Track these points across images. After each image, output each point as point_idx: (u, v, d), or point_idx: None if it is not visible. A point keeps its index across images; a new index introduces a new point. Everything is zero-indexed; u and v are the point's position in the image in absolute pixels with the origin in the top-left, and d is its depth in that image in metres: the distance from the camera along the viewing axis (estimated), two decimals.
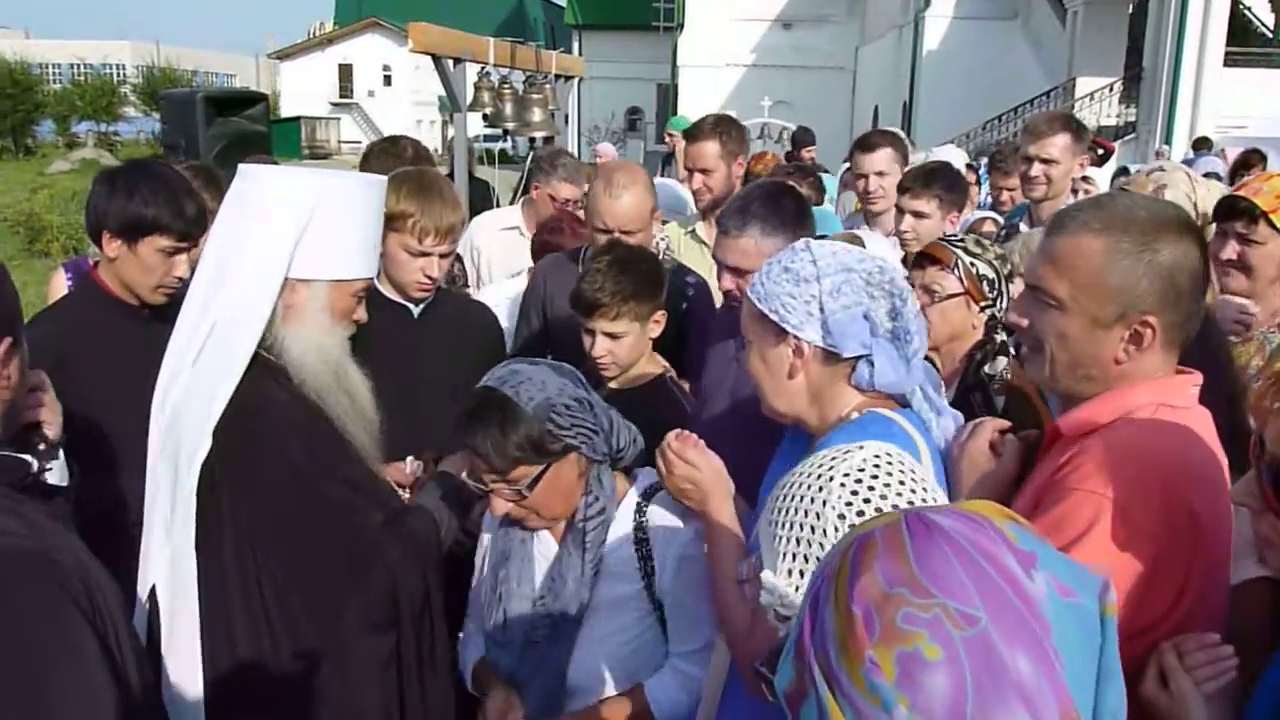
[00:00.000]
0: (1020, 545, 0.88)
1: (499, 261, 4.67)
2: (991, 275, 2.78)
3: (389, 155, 3.84)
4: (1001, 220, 4.85)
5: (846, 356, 1.84)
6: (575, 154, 10.54)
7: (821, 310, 1.83)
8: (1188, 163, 11.77)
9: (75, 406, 2.66)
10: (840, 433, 1.82)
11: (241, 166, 2.18)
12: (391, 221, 2.71)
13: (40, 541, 1.28)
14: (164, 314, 2.60)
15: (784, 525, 1.37)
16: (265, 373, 2.08)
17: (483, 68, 6.02)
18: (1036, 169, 4.13)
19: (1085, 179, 3.22)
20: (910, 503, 1.37)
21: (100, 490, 2.55)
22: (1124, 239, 1.64)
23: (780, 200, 2.79)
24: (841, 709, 0.86)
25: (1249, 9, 22.23)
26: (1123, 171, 10.07)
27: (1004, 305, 2.77)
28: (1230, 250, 2.75)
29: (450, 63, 5.55)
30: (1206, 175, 7.58)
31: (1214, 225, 2.86)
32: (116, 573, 2.05)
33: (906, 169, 4.22)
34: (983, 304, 2.78)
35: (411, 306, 2.89)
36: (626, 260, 2.79)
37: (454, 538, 2.33)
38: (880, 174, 4.29)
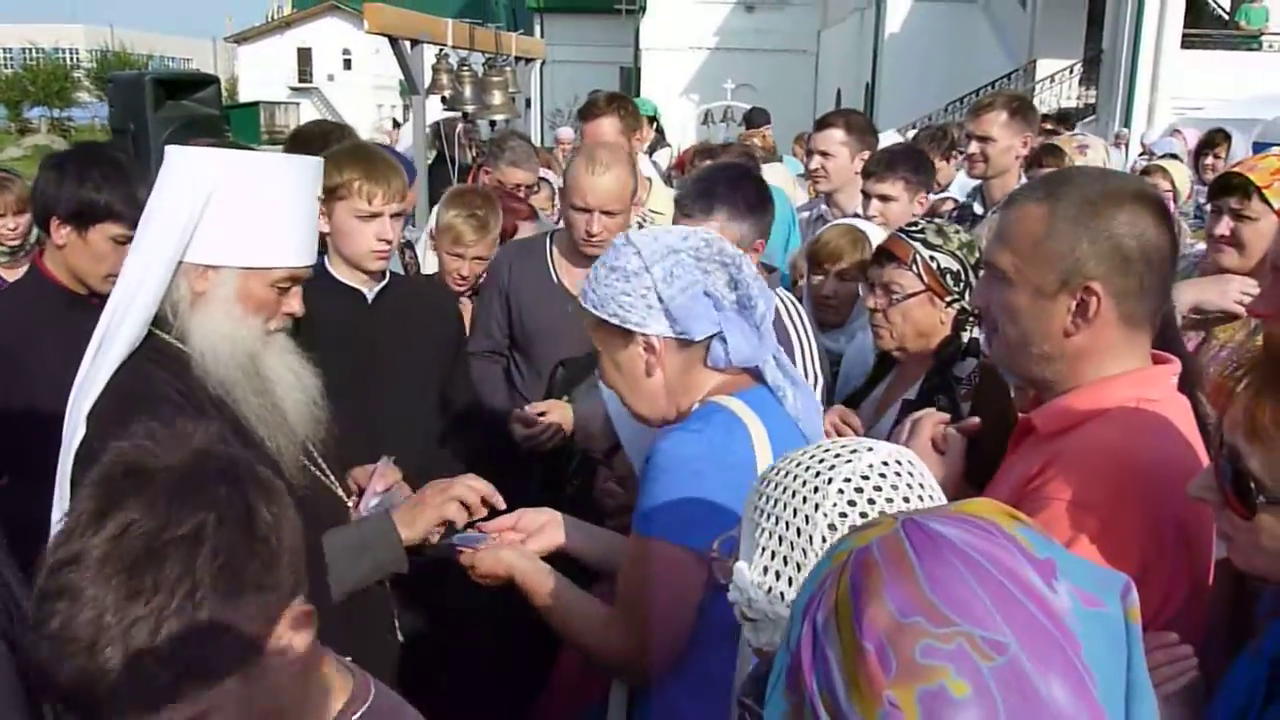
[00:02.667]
0: (1036, 553, 0.80)
1: None
2: (955, 267, 2.51)
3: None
4: (961, 200, 4.87)
5: (699, 340, 1.81)
6: (538, 138, 10.44)
7: (660, 300, 1.78)
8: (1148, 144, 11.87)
9: (21, 399, 2.59)
10: (677, 430, 1.80)
11: (168, 148, 2.06)
12: (335, 191, 2.62)
13: None
14: None
15: (768, 517, 1.25)
16: (158, 358, 1.95)
17: (441, 50, 5.93)
18: (974, 146, 4.18)
19: (1081, 149, 3.25)
20: None
21: (43, 485, 2.49)
22: (1065, 205, 1.59)
23: (744, 184, 2.75)
24: None
25: None
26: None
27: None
28: (1224, 226, 2.77)
29: (408, 45, 5.46)
30: (1166, 156, 7.66)
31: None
32: None
33: (870, 153, 4.20)
34: (948, 299, 2.50)
35: (365, 291, 2.80)
36: None
37: (378, 565, 2.13)
38: (825, 154, 4.25)
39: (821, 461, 1.25)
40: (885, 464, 1.24)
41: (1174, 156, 7.41)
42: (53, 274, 2.74)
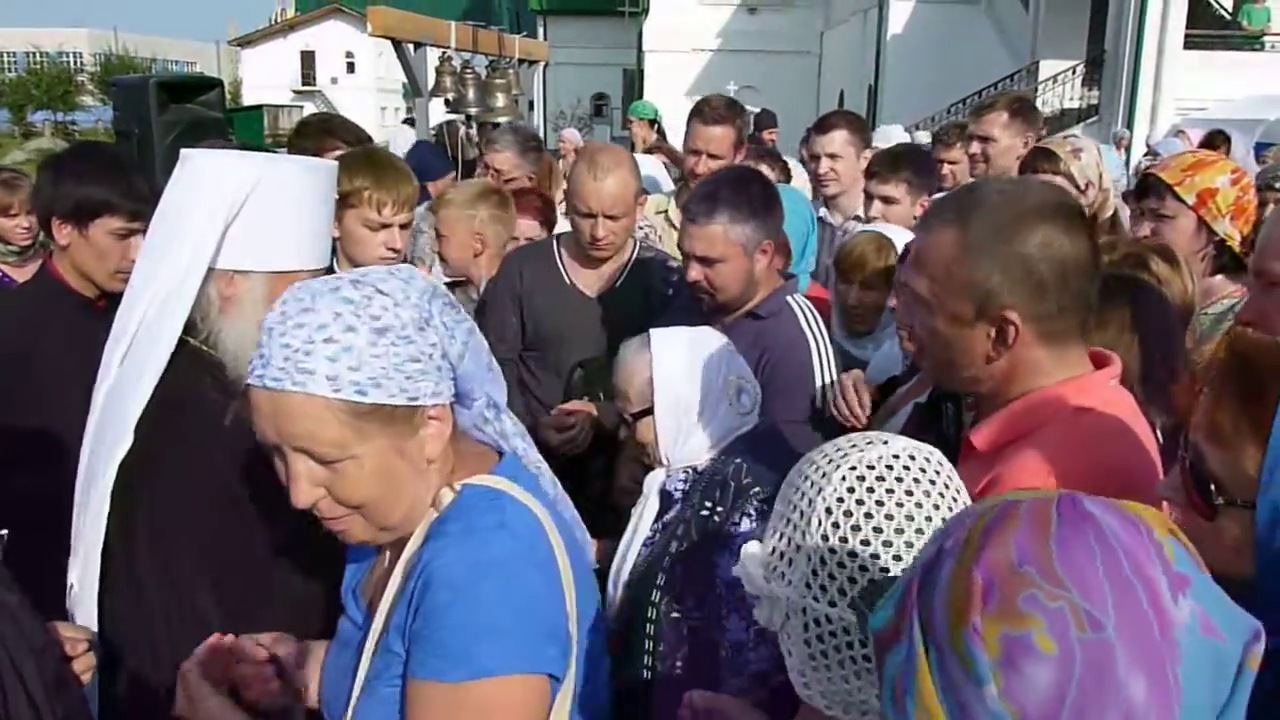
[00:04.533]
0: (1176, 567, 0.81)
1: None
2: None
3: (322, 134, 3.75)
4: None
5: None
6: (542, 138, 10.46)
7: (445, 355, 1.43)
8: (1152, 145, 11.87)
9: (33, 405, 2.59)
10: (454, 535, 1.41)
11: (184, 152, 2.08)
12: (346, 199, 2.66)
13: None
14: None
15: (784, 500, 1.28)
16: (198, 367, 2.00)
17: (444, 53, 5.95)
18: (975, 146, 4.16)
19: (1075, 153, 3.25)
20: (914, 518, 1.20)
21: (55, 490, 2.50)
22: (975, 232, 1.55)
23: (749, 186, 2.74)
24: (930, 669, 0.82)
25: None
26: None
27: None
28: (1145, 228, 2.80)
29: (411, 47, 5.48)
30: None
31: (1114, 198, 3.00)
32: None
33: (874, 153, 4.19)
34: None
35: None
36: None
37: None
38: (833, 156, 4.21)
39: (839, 450, 1.26)
40: (896, 457, 1.23)
41: None
42: (62, 276, 2.75)
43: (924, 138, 9.56)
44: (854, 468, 1.23)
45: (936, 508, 1.22)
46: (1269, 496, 1.16)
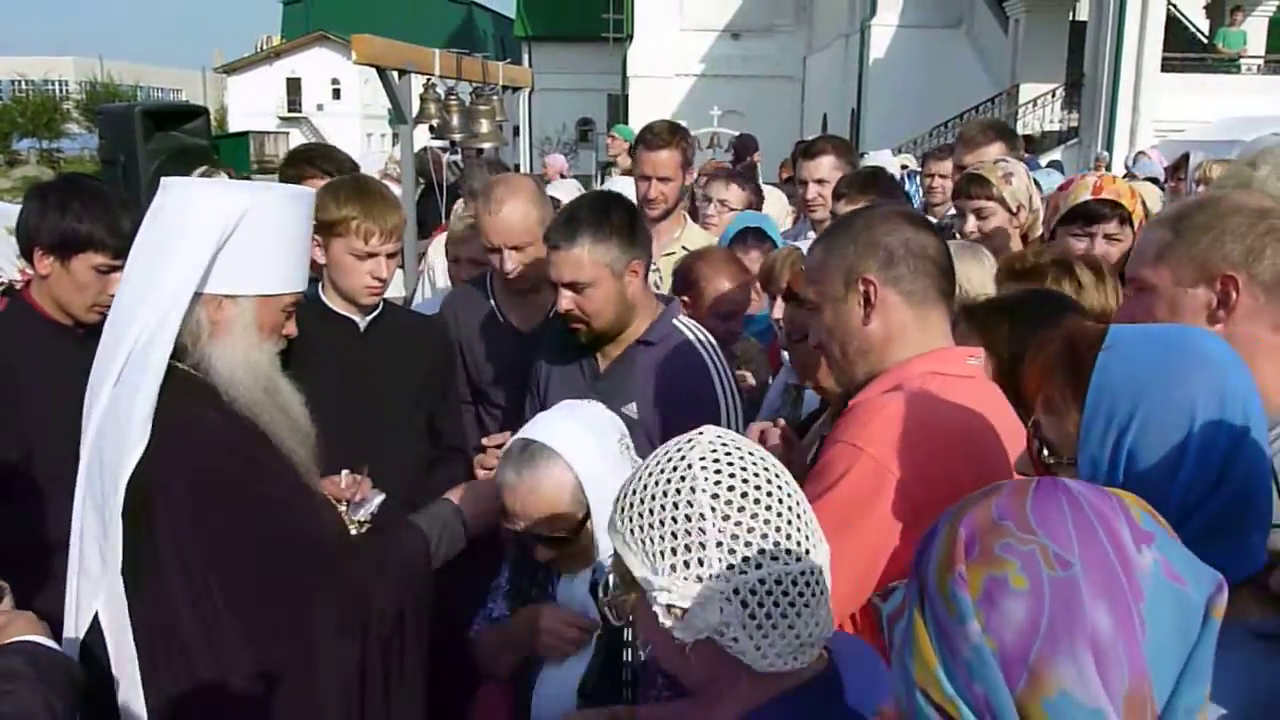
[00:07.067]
0: (1141, 524, 0.91)
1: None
2: None
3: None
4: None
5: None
6: (527, 165, 10.49)
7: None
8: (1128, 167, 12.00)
9: (8, 430, 2.60)
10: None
11: (164, 180, 2.13)
12: (334, 227, 2.69)
13: None
14: (99, 333, 2.54)
15: (650, 528, 1.29)
16: (191, 392, 2.03)
17: (428, 79, 5.98)
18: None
19: (1006, 177, 3.32)
20: (767, 470, 1.31)
21: (35, 515, 2.49)
22: (835, 235, 1.98)
23: (608, 208, 2.67)
24: (925, 621, 0.92)
25: (1184, 15, 22.73)
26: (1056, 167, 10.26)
27: None
28: (1100, 249, 2.86)
29: (395, 74, 5.51)
30: (1146, 179, 7.76)
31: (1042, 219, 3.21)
32: (50, 602, 2.01)
33: (843, 175, 4.23)
34: None
35: (358, 319, 2.84)
36: None
37: (450, 554, 2.34)
38: (820, 181, 4.25)
39: (669, 459, 1.33)
40: (719, 437, 1.34)
41: (1154, 180, 7.53)
42: (39, 305, 2.76)
43: (910, 160, 9.67)
44: (703, 457, 1.30)
45: (757, 455, 1.34)
46: (1087, 453, 1.33)
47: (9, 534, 2.43)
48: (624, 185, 5.06)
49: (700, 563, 1.26)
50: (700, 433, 1.35)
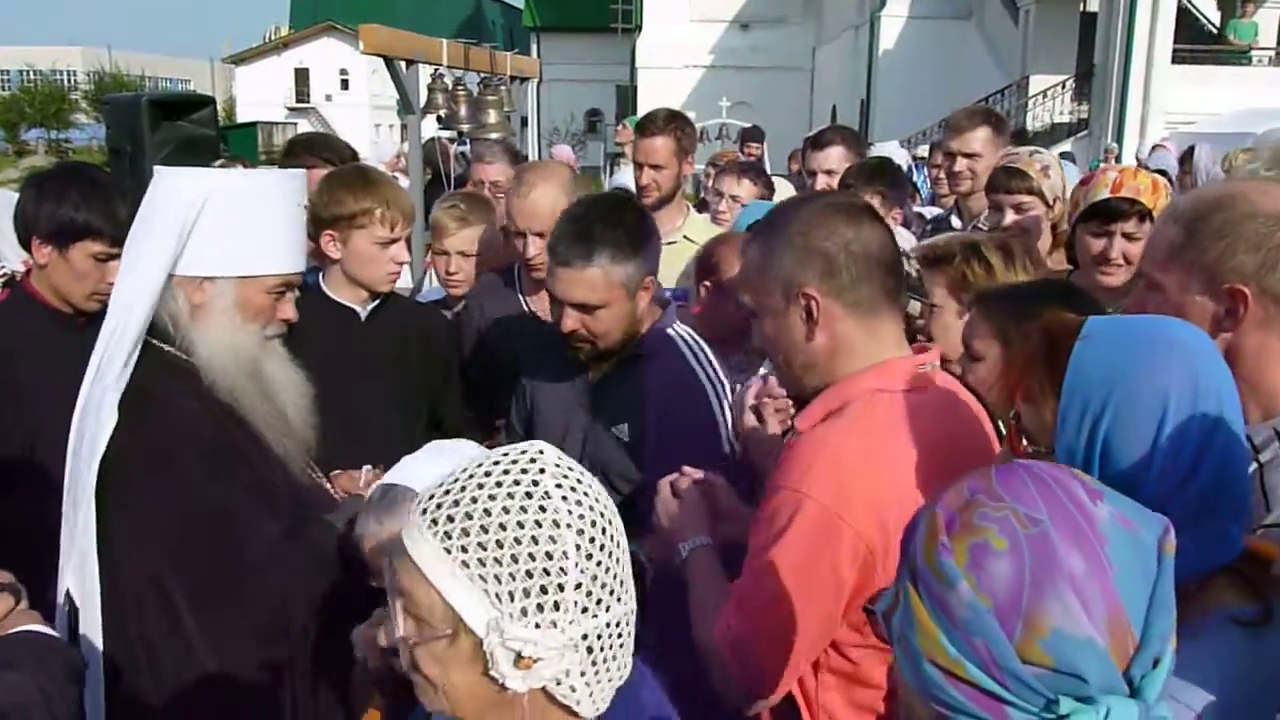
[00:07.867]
0: (1092, 485, 1.04)
1: None
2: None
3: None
4: (930, 215, 4.86)
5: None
6: (535, 155, 10.49)
7: None
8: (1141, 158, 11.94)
9: (10, 416, 2.61)
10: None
11: (156, 169, 2.16)
12: (354, 220, 2.71)
13: None
14: (99, 321, 2.55)
15: (497, 563, 1.10)
16: (169, 372, 2.04)
17: (436, 69, 5.97)
18: (960, 164, 4.15)
19: (1045, 170, 3.29)
20: (600, 497, 1.16)
21: (38, 503, 2.50)
22: (773, 237, 1.80)
23: (623, 218, 2.43)
24: (920, 598, 1.01)
25: (1195, 7, 22.60)
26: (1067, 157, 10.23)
27: None
28: (1119, 248, 2.80)
29: (403, 65, 5.50)
30: (1158, 171, 7.72)
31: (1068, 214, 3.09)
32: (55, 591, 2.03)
33: (849, 166, 4.20)
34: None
35: (359, 310, 2.85)
36: None
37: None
38: (829, 172, 4.23)
39: (516, 483, 1.13)
40: (561, 458, 1.17)
41: (1163, 172, 7.49)
42: (39, 293, 2.76)
43: (920, 151, 9.63)
44: (559, 485, 1.13)
45: (588, 478, 1.18)
46: (1063, 442, 1.37)
47: (12, 521, 2.44)
48: (631, 176, 5.05)
49: (557, 606, 1.11)
50: (541, 452, 1.16)
